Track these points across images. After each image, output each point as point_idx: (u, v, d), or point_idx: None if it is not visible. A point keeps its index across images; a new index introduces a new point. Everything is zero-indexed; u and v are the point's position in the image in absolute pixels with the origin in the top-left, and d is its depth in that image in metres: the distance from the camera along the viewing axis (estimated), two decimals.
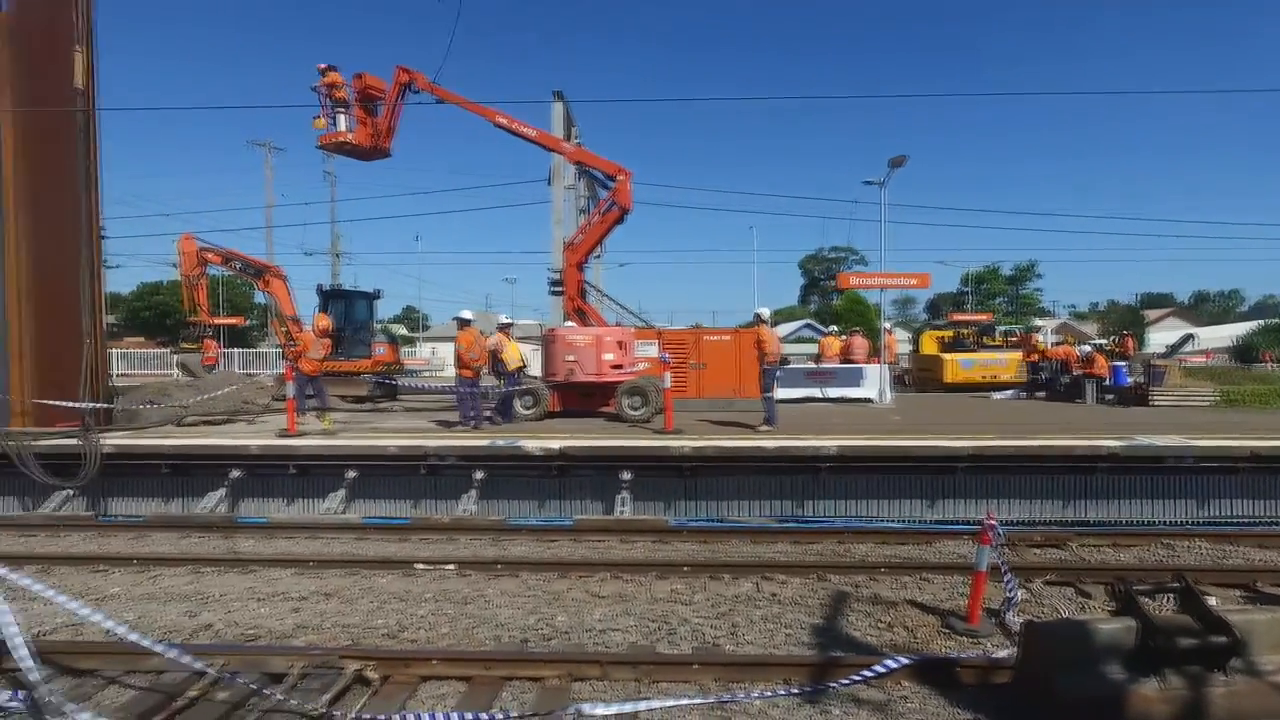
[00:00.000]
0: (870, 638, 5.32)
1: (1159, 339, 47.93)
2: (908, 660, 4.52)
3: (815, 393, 17.67)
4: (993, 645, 5.08)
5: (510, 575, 6.75)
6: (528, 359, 14.39)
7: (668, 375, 12.00)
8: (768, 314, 12.92)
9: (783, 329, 43.51)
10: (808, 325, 52.19)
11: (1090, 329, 53.38)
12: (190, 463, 10.65)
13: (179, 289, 20.20)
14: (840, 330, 25.04)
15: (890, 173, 18.32)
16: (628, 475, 10.04)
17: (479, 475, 10.20)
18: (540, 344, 15.46)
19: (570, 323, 15.10)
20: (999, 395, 19.07)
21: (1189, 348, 35.84)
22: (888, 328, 20.47)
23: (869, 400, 17.42)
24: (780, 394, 12.63)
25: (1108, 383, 17.30)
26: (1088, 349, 18.84)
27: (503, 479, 10.40)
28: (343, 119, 15.40)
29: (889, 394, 17.51)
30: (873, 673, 4.37)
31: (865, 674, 4.36)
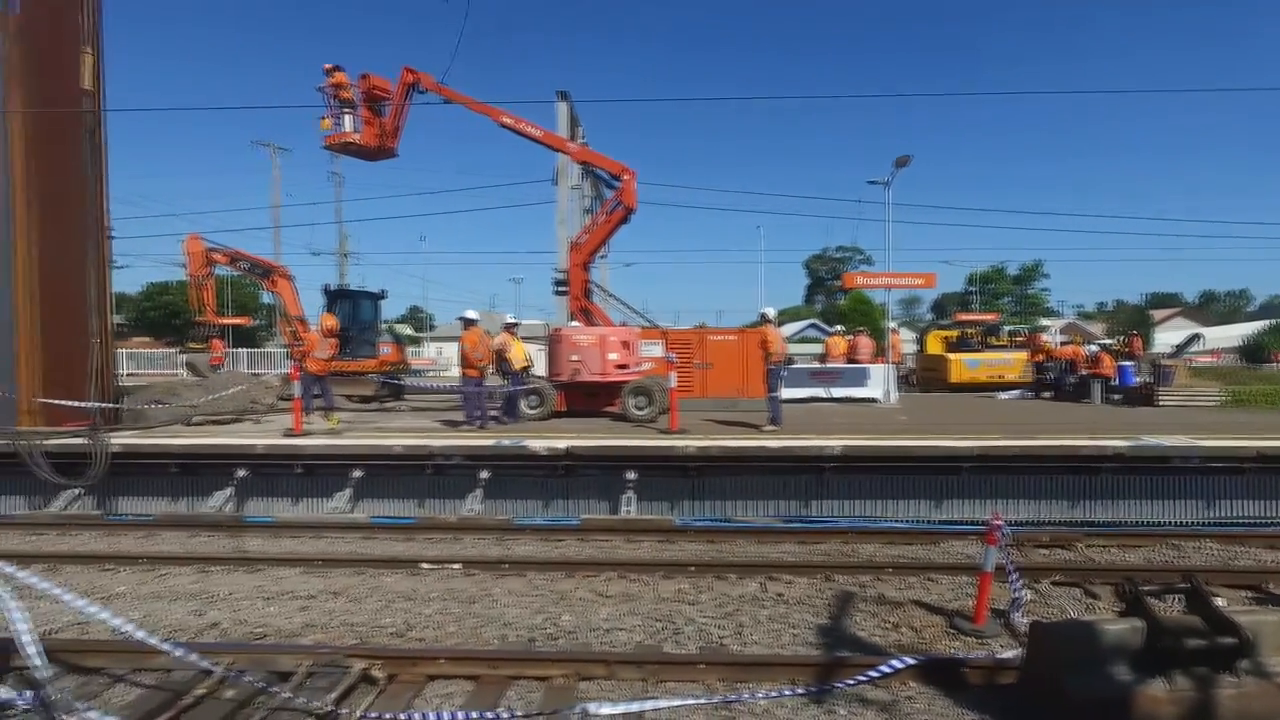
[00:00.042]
0: (876, 638, 5.31)
1: (1166, 339, 47.78)
2: (914, 660, 4.51)
3: (820, 393, 17.65)
4: (999, 646, 5.07)
5: (516, 575, 6.77)
6: (533, 359, 14.41)
7: (673, 375, 12.02)
8: (773, 314, 12.90)
9: (788, 329, 43.43)
10: (813, 325, 52.20)
11: (1097, 329, 53.18)
12: (197, 462, 10.70)
13: (186, 289, 20.22)
14: (845, 330, 24.95)
15: (895, 172, 18.34)
16: (633, 475, 10.04)
17: (484, 475, 10.22)
18: (545, 344, 15.48)
19: (575, 322, 15.10)
20: (1005, 395, 19.03)
21: (1196, 347, 35.73)
22: (893, 327, 20.44)
23: (874, 400, 17.39)
24: (785, 394, 12.62)
25: (1114, 383, 17.25)
26: (1094, 349, 18.80)
27: (508, 479, 10.41)
28: (349, 119, 15.41)
29: (894, 394, 17.49)
30: (879, 673, 4.37)
31: (871, 674, 4.36)
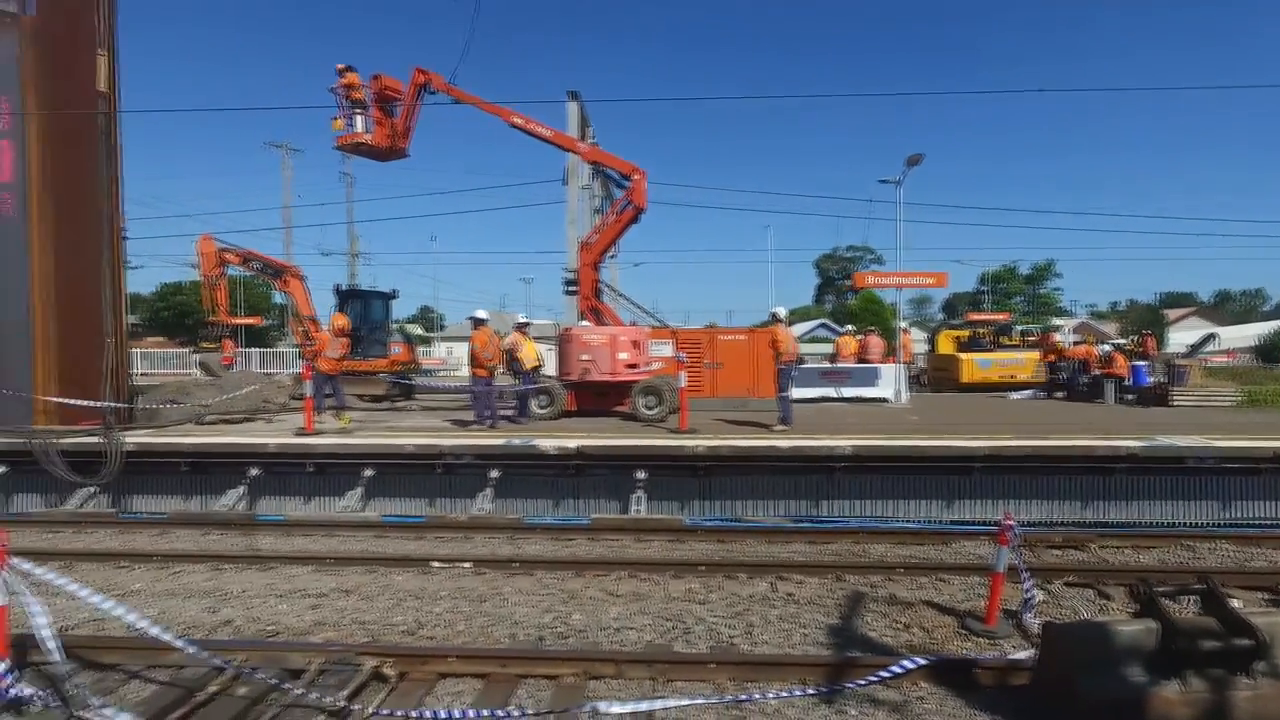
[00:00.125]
0: (887, 638, 5.29)
1: (1180, 338, 47.32)
2: (925, 661, 4.49)
3: (830, 392, 17.59)
4: (1011, 647, 5.05)
5: (526, 574, 6.78)
6: (544, 358, 14.43)
7: (683, 374, 12.00)
8: (784, 313, 12.89)
9: (798, 328, 43.32)
10: (823, 325, 52.04)
11: (1110, 329, 52.78)
12: (210, 461, 10.78)
13: (199, 289, 20.44)
14: (856, 330, 24.88)
15: (906, 171, 18.25)
16: (643, 475, 10.05)
17: (494, 474, 10.25)
18: (556, 343, 15.51)
19: (585, 322, 15.11)
20: (1017, 395, 18.90)
21: (1211, 347, 35.35)
22: (904, 327, 20.35)
23: (885, 400, 17.32)
24: (795, 394, 12.58)
25: (1128, 383, 17.11)
26: (1107, 348, 18.65)
27: (518, 478, 10.44)
28: (360, 120, 15.50)
29: (905, 394, 17.41)
30: (889, 673, 4.35)
31: (882, 674, 4.34)
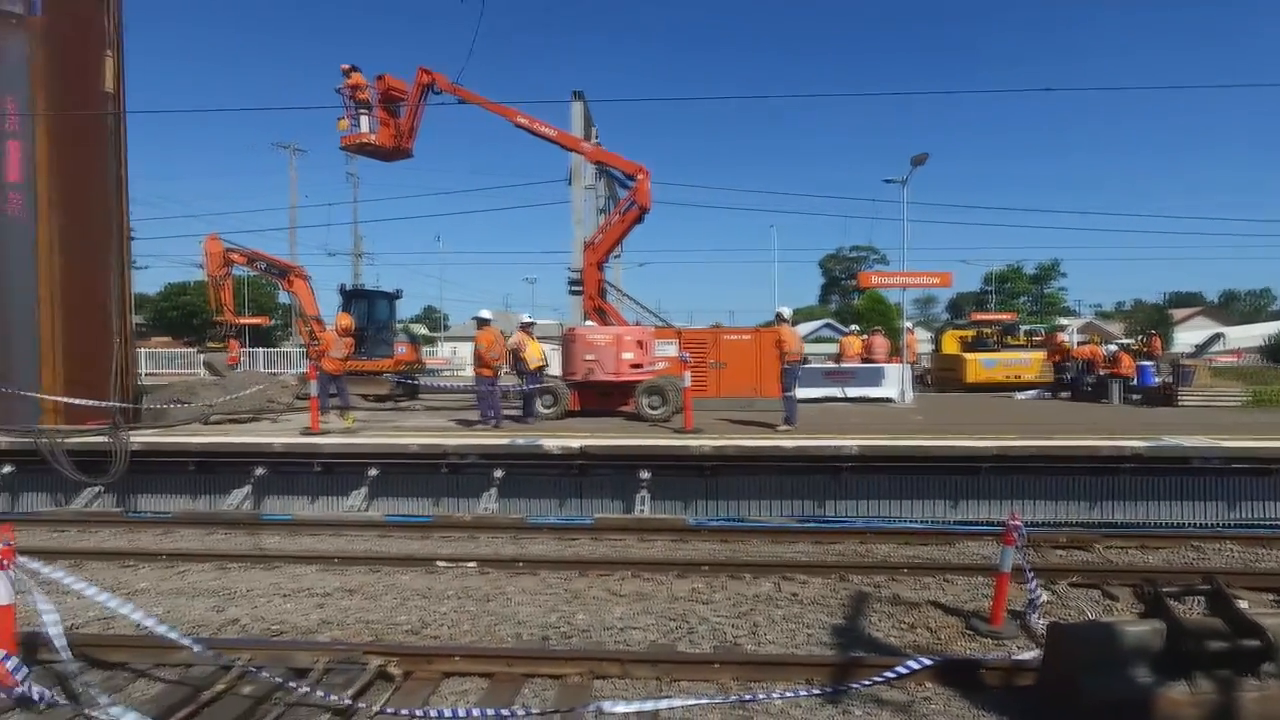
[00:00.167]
0: (892, 638, 5.28)
1: (1186, 338, 47.16)
2: (930, 661, 4.47)
3: (835, 392, 17.57)
4: (1016, 647, 5.03)
5: (531, 573, 6.78)
6: (548, 358, 14.45)
7: (687, 374, 12.01)
8: (789, 313, 12.87)
9: (802, 328, 43.14)
10: (828, 325, 51.90)
11: (1116, 328, 52.60)
12: (216, 460, 10.81)
13: (205, 289, 20.51)
14: (861, 330, 24.84)
15: (911, 171, 18.22)
16: (647, 474, 10.05)
17: (499, 474, 10.26)
18: (560, 343, 15.52)
19: (590, 322, 15.13)
20: (1022, 395, 18.86)
21: (1218, 347, 35.28)
22: (909, 327, 20.31)
23: (890, 400, 17.29)
24: (800, 393, 12.57)
25: (1133, 383, 17.05)
26: (1113, 348, 18.58)
27: (523, 478, 10.45)
28: (365, 120, 15.54)
29: (909, 394, 17.38)
30: (895, 673, 4.33)
31: (887, 674, 4.32)
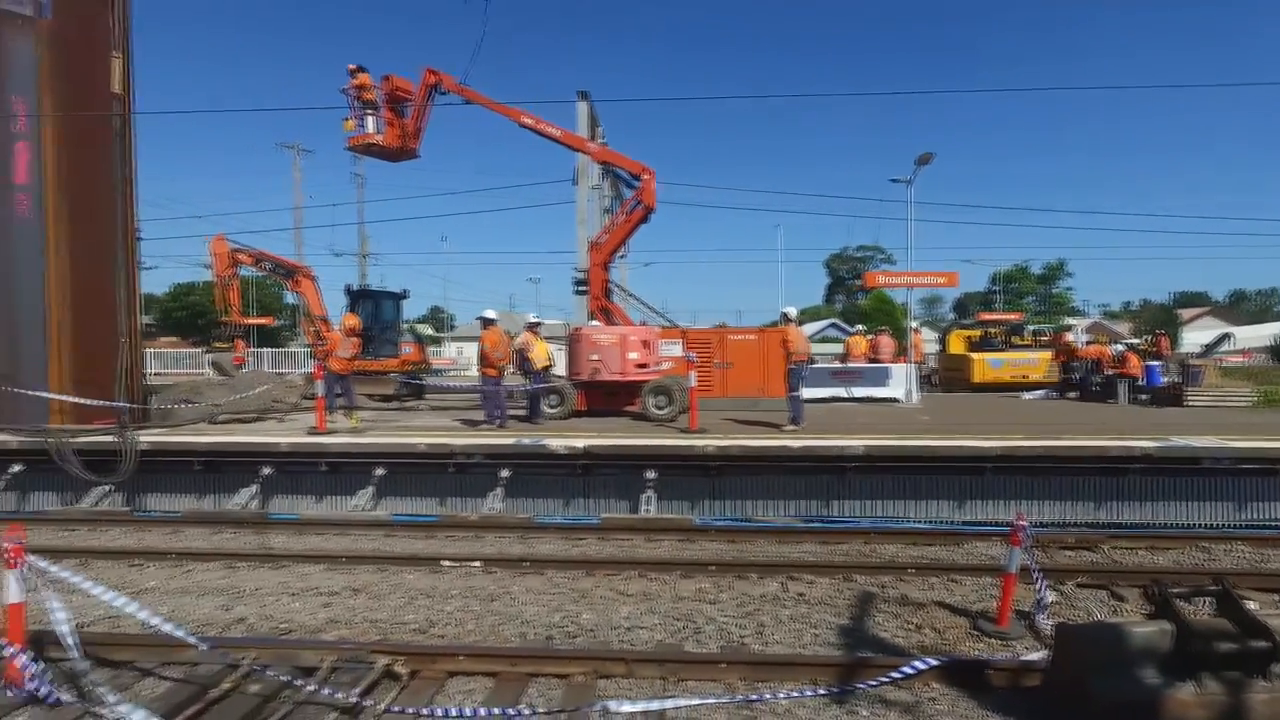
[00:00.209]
0: (898, 639, 5.27)
1: (1194, 338, 46.85)
2: (936, 661, 4.47)
3: (841, 392, 17.52)
4: (1023, 648, 5.01)
5: (536, 573, 6.79)
6: (554, 358, 14.45)
7: (693, 374, 11.99)
8: (795, 313, 12.86)
9: (808, 328, 43.17)
10: (833, 324, 51.90)
11: (1123, 328, 52.35)
12: (223, 460, 10.85)
13: (211, 290, 20.59)
14: (867, 330, 24.76)
15: (917, 170, 18.15)
16: (653, 474, 10.04)
17: (505, 473, 10.27)
18: (566, 343, 15.53)
19: (595, 322, 15.13)
20: (1029, 395, 18.79)
21: (1226, 347, 35.00)
22: (915, 327, 20.26)
23: (895, 400, 17.24)
24: (806, 393, 12.54)
25: (1141, 383, 16.97)
26: (1121, 348, 18.50)
27: (529, 477, 10.46)
28: (371, 121, 15.58)
29: (916, 394, 17.33)
30: (901, 674, 4.33)
31: (894, 675, 4.32)
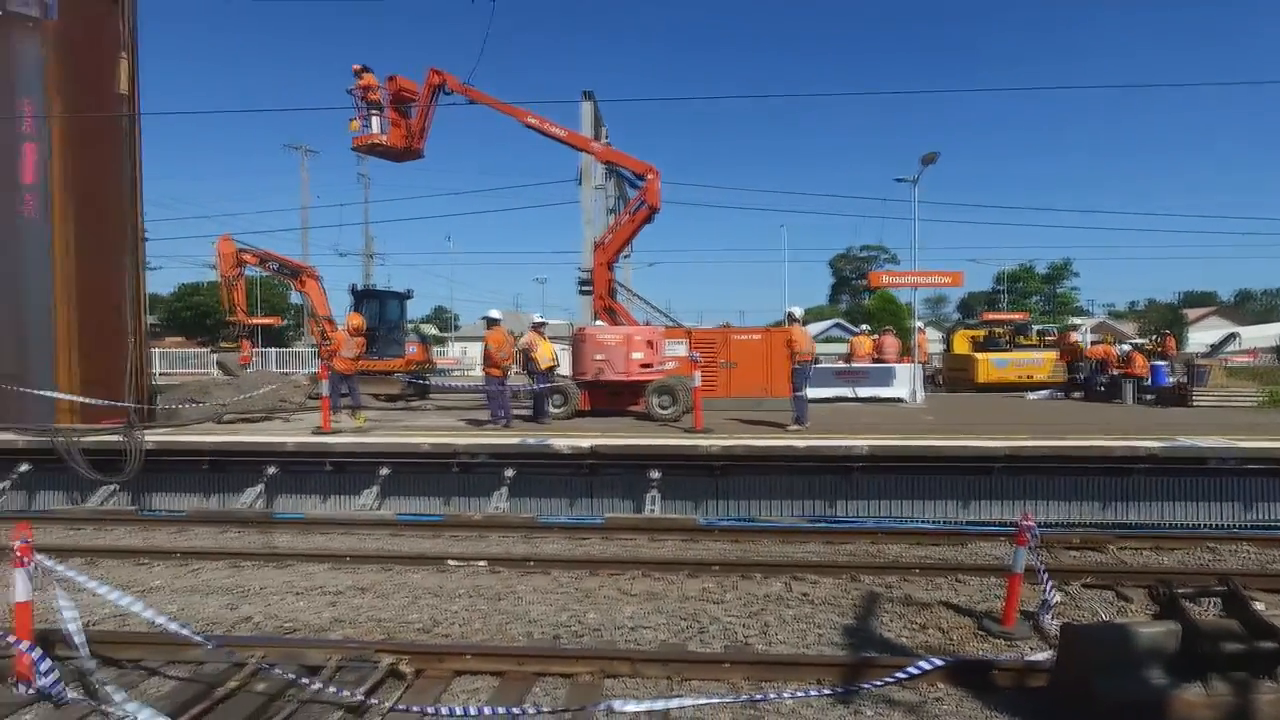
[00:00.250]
0: (904, 639, 5.27)
1: (1200, 338, 46.72)
2: (942, 662, 4.46)
3: (846, 392, 17.51)
4: (1029, 648, 5.00)
5: (542, 572, 6.80)
6: (559, 358, 14.46)
7: (697, 374, 12.00)
8: (800, 313, 12.86)
9: (812, 328, 43.08)
10: (838, 324, 51.75)
11: (1129, 328, 52.21)
12: (229, 459, 10.89)
13: (217, 290, 20.63)
14: (871, 329, 24.75)
15: (921, 170, 18.14)
16: (657, 474, 10.05)
17: (510, 473, 10.29)
18: (570, 343, 15.55)
19: (600, 322, 15.14)
20: (1034, 395, 18.73)
21: (1232, 347, 34.89)
22: (919, 327, 20.23)
23: (900, 400, 17.22)
24: (811, 393, 12.53)
25: (1147, 383, 16.91)
26: (1126, 348, 18.44)
27: (533, 477, 10.47)
28: (376, 121, 15.60)
29: (920, 394, 17.30)
30: (906, 674, 4.32)
31: (899, 675, 4.31)
